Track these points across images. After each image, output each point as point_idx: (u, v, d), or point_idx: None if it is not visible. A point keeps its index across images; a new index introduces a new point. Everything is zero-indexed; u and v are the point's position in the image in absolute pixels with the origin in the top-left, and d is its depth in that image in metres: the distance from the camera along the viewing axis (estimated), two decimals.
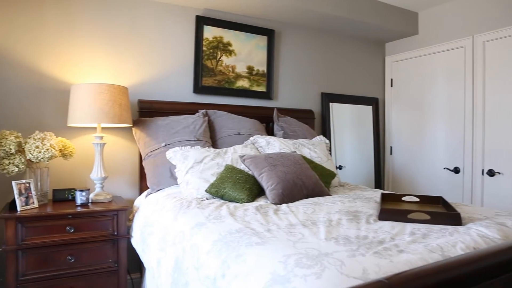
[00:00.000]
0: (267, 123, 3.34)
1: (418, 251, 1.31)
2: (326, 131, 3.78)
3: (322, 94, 3.83)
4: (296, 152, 2.68)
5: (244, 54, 3.34)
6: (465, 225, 1.67)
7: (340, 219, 1.76)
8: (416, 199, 2.16)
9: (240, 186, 2.23)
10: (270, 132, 3.30)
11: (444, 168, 3.59)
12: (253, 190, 2.27)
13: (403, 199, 2.19)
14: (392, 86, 4.16)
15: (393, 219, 1.76)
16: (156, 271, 1.93)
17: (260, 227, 1.63)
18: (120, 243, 2.36)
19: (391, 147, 4.16)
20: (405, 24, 3.77)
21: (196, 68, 3.12)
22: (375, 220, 1.77)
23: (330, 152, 3.13)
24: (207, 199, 2.27)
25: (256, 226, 1.66)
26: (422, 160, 3.83)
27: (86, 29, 2.75)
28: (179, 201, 2.17)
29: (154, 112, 2.87)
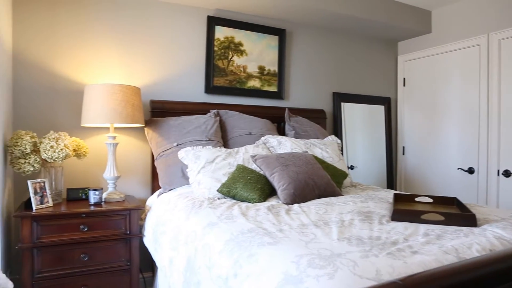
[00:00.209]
0: (278, 123, 3.33)
1: (433, 252, 1.29)
2: (338, 131, 3.76)
3: (334, 93, 3.81)
4: (307, 152, 2.67)
5: (255, 54, 3.34)
6: (480, 226, 1.64)
7: (352, 220, 1.75)
8: (430, 200, 2.14)
9: (251, 186, 2.23)
10: (281, 132, 3.30)
11: (458, 169, 3.53)
12: (264, 190, 2.27)
13: (416, 199, 2.17)
14: (404, 85, 4.12)
15: (406, 219, 1.74)
16: (168, 270, 1.95)
17: (272, 227, 1.63)
18: (132, 242, 2.38)
19: (404, 147, 4.12)
20: (418, 23, 3.73)
21: (208, 68, 3.13)
22: (388, 221, 1.75)
23: (341, 152, 3.11)
24: (219, 198, 2.28)
25: (268, 226, 1.66)
26: (435, 160, 3.78)
27: (99, 29, 2.79)
28: (191, 200, 2.18)
29: (166, 112, 2.89)
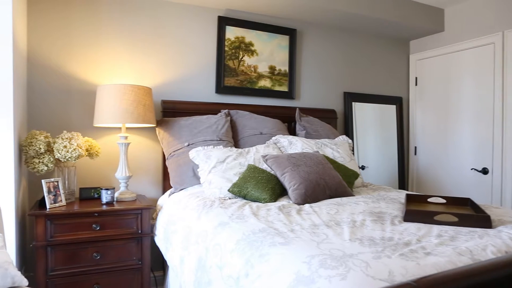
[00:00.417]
0: (289, 123, 3.33)
1: (446, 254, 1.28)
2: (349, 131, 3.74)
3: (345, 93, 3.78)
4: (318, 152, 2.66)
5: (266, 54, 3.34)
6: (495, 228, 1.61)
7: (364, 220, 1.74)
8: (443, 201, 2.11)
9: (262, 186, 2.23)
10: (292, 132, 3.29)
11: (472, 169, 3.48)
12: (275, 190, 2.27)
13: (429, 200, 2.14)
14: (416, 85, 4.08)
15: (418, 220, 1.72)
16: (179, 269, 1.96)
17: (283, 227, 1.63)
18: (144, 241, 2.40)
19: (416, 147, 4.08)
20: (430, 21, 3.68)
21: (219, 68, 3.14)
22: (400, 222, 1.73)
23: (352, 152, 3.09)
24: (230, 198, 2.28)
25: (279, 226, 1.66)
26: (448, 160, 3.73)
27: (111, 30, 2.81)
28: (202, 200, 2.19)
29: (177, 112, 2.91)
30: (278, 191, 2.29)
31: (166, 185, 2.87)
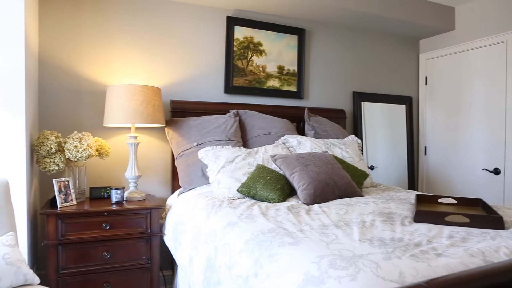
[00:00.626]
0: (298, 122, 3.32)
1: (458, 255, 1.26)
2: (358, 131, 3.72)
3: (354, 93, 3.76)
4: (327, 152, 2.64)
5: (275, 54, 3.34)
6: (508, 229, 1.59)
7: (373, 221, 1.73)
8: (454, 201, 2.09)
9: (271, 186, 2.23)
10: (301, 132, 3.28)
11: (483, 169, 3.44)
12: (284, 190, 2.26)
13: (440, 200, 2.12)
14: (426, 84, 4.04)
15: (429, 221, 1.70)
16: (188, 268, 1.96)
17: (292, 227, 1.63)
18: (153, 240, 2.41)
19: (426, 147, 4.04)
20: (440, 20, 3.64)
21: (227, 68, 3.15)
22: (410, 222, 1.72)
23: (362, 152, 3.07)
24: (239, 198, 2.28)
25: (288, 226, 1.65)
26: (458, 160, 3.69)
27: (120, 31, 2.83)
28: (211, 200, 2.20)
29: (186, 112, 2.92)
30: (287, 191, 2.28)
31: (175, 184, 2.89)
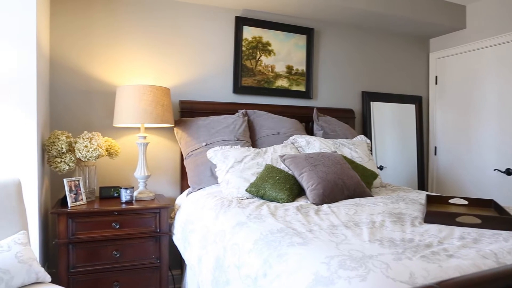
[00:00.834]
0: (306, 122, 3.31)
1: (469, 256, 1.25)
2: (367, 131, 3.69)
3: (363, 93, 3.74)
4: (336, 152, 2.63)
5: (283, 54, 3.33)
6: None
7: (383, 221, 1.71)
8: (465, 202, 2.06)
9: (280, 186, 2.22)
10: (309, 131, 3.27)
11: (495, 170, 3.39)
12: (293, 190, 2.26)
13: (450, 201, 2.10)
14: (436, 83, 4.00)
15: (440, 222, 1.69)
16: (197, 268, 1.97)
17: (301, 227, 1.62)
18: (162, 240, 2.42)
19: (436, 147, 4.00)
20: (451, 19, 3.60)
21: (236, 68, 3.15)
22: (421, 223, 1.70)
23: (371, 152, 3.05)
24: (247, 198, 2.28)
25: (297, 226, 1.65)
26: (469, 160, 3.64)
27: (130, 31, 2.85)
28: (220, 200, 2.20)
29: (194, 112, 2.93)
30: (295, 191, 2.28)
31: (184, 184, 2.90)
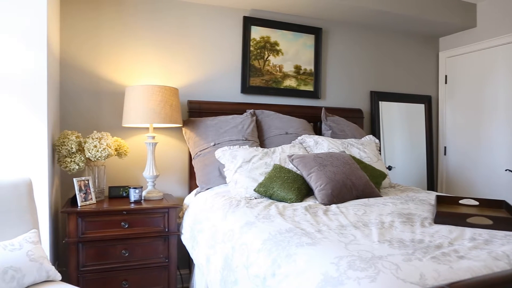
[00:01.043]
0: (315, 122, 3.30)
1: (481, 258, 1.23)
2: (376, 131, 3.67)
3: (371, 92, 3.72)
4: (345, 152, 2.62)
5: (291, 54, 3.33)
6: None
7: (392, 222, 1.70)
8: (475, 203, 2.04)
9: (288, 186, 2.22)
10: (318, 131, 3.26)
11: (506, 170, 3.35)
12: (301, 190, 2.25)
13: (461, 202, 2.08)
14: (446, 83, 3.96)
15: (450, 223, 1.67)
16: (205, 268, 1.97)
17: (310, 228, 1.62)
18: (170, 239, 2.43)
19: (445, 147, 3.96)
20: (461, 17, 3.57)
21: (244, 68, 3.15)
22: (431, 224, 1.69)
23: (379, 152, 3.03)
24: (256, 198, 2.28)
25: (306, 226, 1.64)
26: (480, 161, 3.60)
27: (138, 31, 2.87)
28: (228, 200, 2.20)
29: (203, 112, 2.94)
30: (304, 191, 2.27)
31: (192, 184, 2.90)
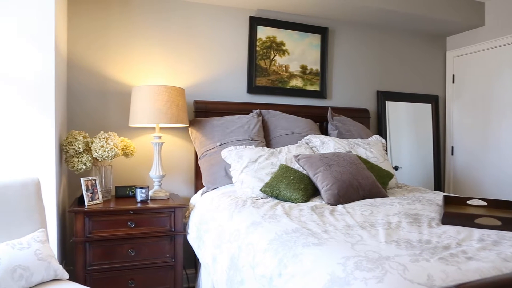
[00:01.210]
0: (321, 122, 3.29)
1: (490, 259, 1.22)
2: (382, 131, 3.65)
3: (378, 92, 3.70)
4: (351, 152, 2.61)
5: (297, 53, 3.32)
6: None
7: (399, 222, 1.69)
8: (483, 203, 2.02)
9: (294, 186, 2.22)
10: (324, 131, 3.25)
11: None
12: (307, 190, 2.25)
13: (469, 202, 2.06)
14: (453, 82, 3.93)
15: (458, 223, 1.66)
16: (211, 267, 1.98)
17: (316, 228, 1.61)
18: (177, 239, 2.44)
19: (453, 147, 3.93)
20: (469, 16, 3.53)
21: (250, 68, 3.15)
22: (438, 224, 1.67)
23: (386, 152, 3.01)
24: (262, 198, 2.28)
25: (312, 226, 1.64)
26: (487, 161, 3.57)
27: (145, 32, 2.88)
28: (234, 200, 2.20)
29: (209, 112, 2.94)
30: (310, 191, 2.27)
31: (198, 184, 2.91)
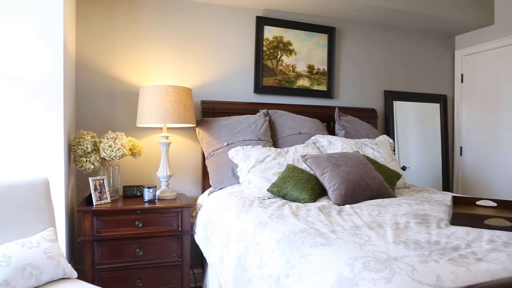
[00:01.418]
0: (328, 122, 3.28)
1: (500, 260, 1.21)
2: (390, 130, 3.63)
3: (385, 92, 3.68)
4: (359, 152, 2.60)
5: (304, 53, 3.31)
6: None
7: (408, 222, 1.68)
8: (493, 204, 2.00)
9: (302, 186, 2.21)
10: (331, 131, 3.24)
11: None
12: (315, 190, 2.24)
13: (478, 203, 2.04)
14: (462, 82, 3.89)
15: (467, 224, 1.64)
16: (218, 267, 1.98)
17: (324, 228, 1.61)
18: (184, 238, 2.45)
19: (461, 147, 3.89)
20: (478, 14, 3.50)
21: (257, 68, 3.15)
22: (447, 225, 1.66)
23: (394, 152, 2.99)
24: (269, 198, 2.28)
25: (320, 226, 1.63)
26: (497, 161, 3.53)
27: (152, 32, 2.89)
28: (241, 199, 2.20)
29: (216, 112, 2.95)
30: (317, 191, 2.26)
31: (205, 184, 2.92)
